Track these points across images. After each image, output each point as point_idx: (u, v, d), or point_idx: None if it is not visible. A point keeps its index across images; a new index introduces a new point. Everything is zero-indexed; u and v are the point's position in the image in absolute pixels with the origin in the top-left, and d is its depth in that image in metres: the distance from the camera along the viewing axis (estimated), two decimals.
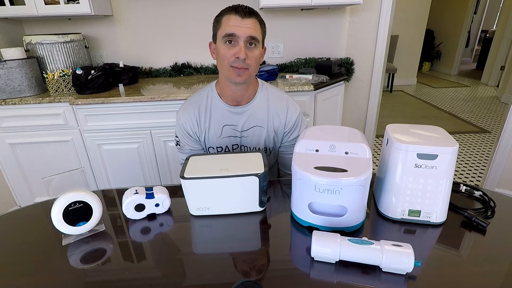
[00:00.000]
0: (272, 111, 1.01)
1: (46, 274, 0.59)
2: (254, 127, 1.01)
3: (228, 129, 1.01)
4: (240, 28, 0.85)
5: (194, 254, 0.63)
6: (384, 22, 2.08)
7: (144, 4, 2.03)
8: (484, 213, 0.71)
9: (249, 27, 0.86)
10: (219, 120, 1.00)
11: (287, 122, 1.01)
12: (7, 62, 1.61)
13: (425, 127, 0.72)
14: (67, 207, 0.65)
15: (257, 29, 0.89)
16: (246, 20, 0.86)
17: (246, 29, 0.85)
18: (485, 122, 3.50)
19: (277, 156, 1.10)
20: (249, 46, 0.88)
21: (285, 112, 1.01)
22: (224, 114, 1.00)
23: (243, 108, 0.99)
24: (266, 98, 1.01)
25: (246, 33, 0.86)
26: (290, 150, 1.06)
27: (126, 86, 1.90)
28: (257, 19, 0.89)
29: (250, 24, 0.86)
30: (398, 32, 4.73)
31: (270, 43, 2.17)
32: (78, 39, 1.84)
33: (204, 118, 1.01)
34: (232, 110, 0.99)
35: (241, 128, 1.00)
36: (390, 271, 0.55)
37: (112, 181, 1.87)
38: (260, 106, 1.00)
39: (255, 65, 0.91)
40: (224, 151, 1.04)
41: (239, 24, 0.85)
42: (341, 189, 0.61)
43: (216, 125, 1.01)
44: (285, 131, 1.03)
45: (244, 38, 0.86)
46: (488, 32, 6.67)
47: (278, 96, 1.02)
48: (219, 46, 0.89)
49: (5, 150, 1.77)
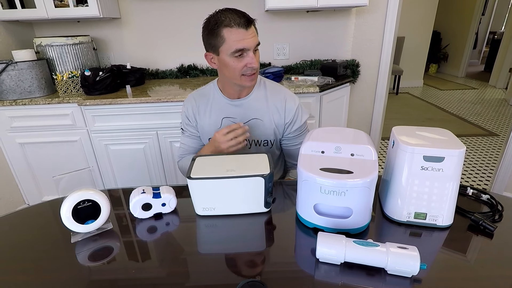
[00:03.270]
0: (270, 104, 1.03)
1: (55, 271, 0.60)
2: (252, 120, 1.03)
3: (227, 121, 1.03)
4: (249, 41, 0.87)
5: (199, 254, 0.63)
6: (390, 23, 2.07)
7: (151, 7, 2.05)
8: (492, 216, 0.70)
9: (253, 35, 0.88)
10: (219, 113, 1.04)
11: (286, 114, 1.03)
12: (18, 64, 1.65)
13: (431, 129, 0.72)
14: (76, 205, 0.66)
15: (256, 33, 0.91)
16: (250, 30, 0.87)
17: (253, 39, 0.88)
18: (493, 125, 3.45)
19: (280, 148, 1.12)
20: (254, 52, 0.90)
21: (283, 104, 1.02)
22: (224, 106, 1.03)
23: (241, 101, 1.02)
24: (264, 92, 1.03)
25: (254, 43, 0.88)
26: (295, 142, 1.07)
27: (133, 87, 1.92)
28: (254, 23, 0.90)
29: (252, 32, 0.88)
30: (404, 33, 4.70)
31: (275, 45, 2.18)
32: (87, 41, 1.87)
33: (205, 109, 1.05)
34: (231, 103, 1.03)
35: (240, 121, 1.03)
36: (395, 273, 0.55)
37: (118, 180, 1.89)
38: (258, 99, 1.03)
39: (259, 66, 0.95)
40: None
41: (245, 37, 0.86)
42: (346, 191, 0.61)
43: (216, 117, 1.04)
44: (286, 122, 1.04)
45: (253, 48, 0.89)
46: (496, 34, 6.59)
47: (276, 89, 1.05)
48: (227, 60, 0.89)
49: (15, 149, 1.81)
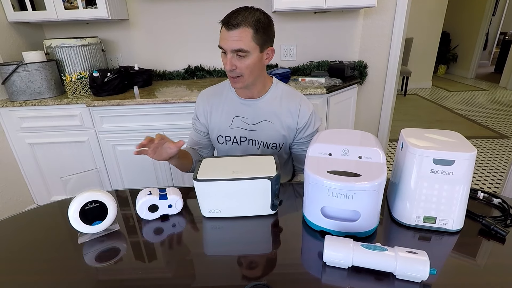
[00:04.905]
0: (284, 108, 1.02)
1: (63, 272, 0.61)
2: (263, 122, 1.02)
3: (238, 120, 1.04)
4: (226, 41, 0.87)
5: (205, 255, 0.63)
6: (399, 24, 2.05)
7: (159, 8, 2.07)
8: (504, 221, 0.69)
9: (234, 39, 0.85)
10: (230, 110, 1.04)
11: (300, 120, 1.03)
12: (28, 65, 1.68)
13: (441, 131, 0.71)
14: (84, 206, 0.67)
15: (246, 38, 0.85)
16: (232, 32, 0.85)
17: (232, 42, 0.86)
18: (504, 127, 3.39)
19: (289, 152, 1.12)
20: (238, 57, 0.88)
21: (298, 110, 1.02)
22: (236, 105, 1.04)
23: (253, 101, 1.02)
24: (279, 95, 1.03)
25: (231, 46, 0.87)
26: (305, 147, 1.07)
27: (141, 88, 1.93)
28: (248, 26, 0.85)
29: (236, 35, 0.85)
30: (413, 34, 4.64)
31: (282, 46, 2.17)
32: (95, 43, 1.89)
33: (217, 106, 1.06)
34: (243, 102, 1.03)
35: (250, 121, 1.03)
36: (404, 278, 0.54)
37: (125, 181, 1.91)
38: (271, 102, 1.02)
39: (249, 72, 0.91)
40: (232, 141, 1.06)
41: (225, 37, 0.87)
42: (354, 194, 0.61)
43: (227, 115, 1.04)
44: (299, 127, 1.04)
45: (230, 50, 0.87)
46: (507, 34, 6.47)
47: (292, 94, 1.04)
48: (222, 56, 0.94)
49: (25, 149, 1.84)
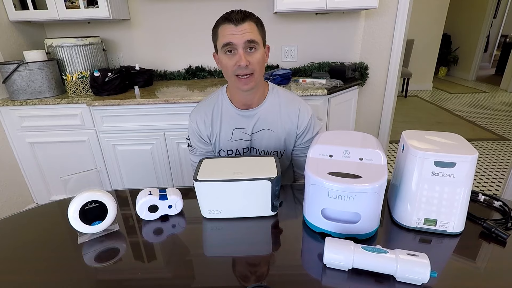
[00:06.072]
0: (283, 114, 1.00)
1: (62, 272, 0.61)
2: (264, 130, 1.01)
3: (239, 132, 1.01)
4: (236, 36, 0.85)
5: (205, 256, 0.63)
6: (400, 26, 2.05)
7: (160, 8, 2.07)
8: (504, 224, 0.68)
9: (245, 31, 0.85)
10: (230, 124, 1.01)
11: (299, 125, 1.01)
12: (29, 64, 1.68)
13: (442, 134, 0.70)
14: (83, 206, 0.66)
15: (254, 31, 0.87)
16: (241, 26, 0.85)
17: (243, 35, 0.85)
18: (504, 129, 3.38)
19: (290, 158, 1.10)
20: (249, 51, 0.87)
21: (297, 115, 1.00)
22: (235, 117, 1.01)
23: (252, 112, 1.00)
24: (278, 102, 1.01)
25: (243, 39, 0.85)
26: (304, 153, 1.05)
27: (142, 88, 1.93)
28: (252, 21, 0.87)
29: (246, 28, 0.85)
30: (414, 36, 4.65)
31: (283, 47, 2.17)
32: (96, 42, 1.90)
33: (215, 121, 1.02)
34: (242, 114, 1.00)
35: (250, 131, 1.01)
36: (404, 281, 0.53)
37: (125, 181, 1.90)
38: (271, 110, 1.00)
39: (259, 68, 0.90)
40: (235, 154, 1.04)
41: (234, 32, 0.85)
42: (355, 196, 0.60)
43: (227, 128, 1.02)
44: (298, 133, 1.02)
45: (242, 45, 0.85)
46: (508, 37, 6.47)
47: (290, 99, 1.02)
48: (221, 57, 0.90)
49: (25, 148, 1.84)
